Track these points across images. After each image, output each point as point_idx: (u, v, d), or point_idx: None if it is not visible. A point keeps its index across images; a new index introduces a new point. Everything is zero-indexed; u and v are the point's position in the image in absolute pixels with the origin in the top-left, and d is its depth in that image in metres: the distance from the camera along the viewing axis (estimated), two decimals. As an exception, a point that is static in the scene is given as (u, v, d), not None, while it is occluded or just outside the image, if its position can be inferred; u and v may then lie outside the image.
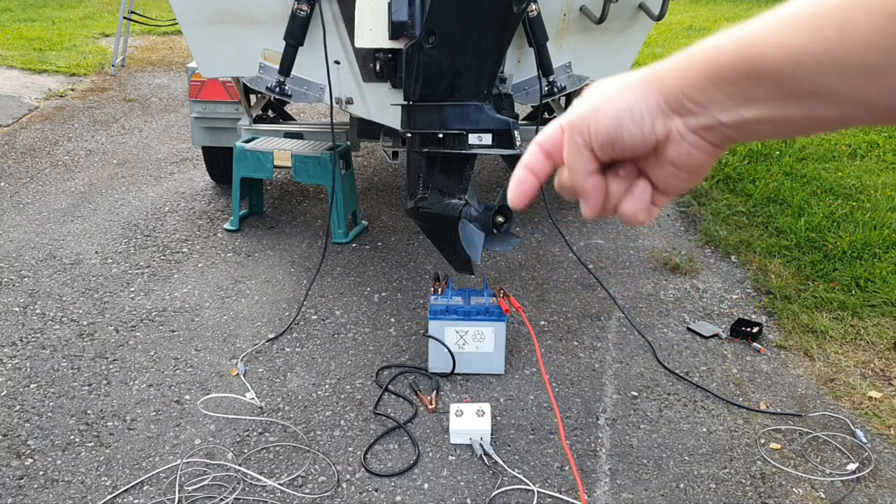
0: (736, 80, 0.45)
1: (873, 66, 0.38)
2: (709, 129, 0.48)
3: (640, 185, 0.54)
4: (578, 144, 0.52)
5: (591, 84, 0.55)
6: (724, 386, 2.65)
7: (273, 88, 3.05)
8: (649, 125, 0.49)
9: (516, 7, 2.36)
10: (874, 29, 0.37)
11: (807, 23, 0.40)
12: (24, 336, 2.89)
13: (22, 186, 4.45)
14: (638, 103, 0.50)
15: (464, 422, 2.32)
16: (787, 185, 4.35)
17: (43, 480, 2.16)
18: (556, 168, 0.56)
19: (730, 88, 0.45)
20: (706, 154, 0.49)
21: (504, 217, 2.52)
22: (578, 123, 0.52)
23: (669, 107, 0.49)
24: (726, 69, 0.45)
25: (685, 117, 0.48)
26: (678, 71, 0.49)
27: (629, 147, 0.50)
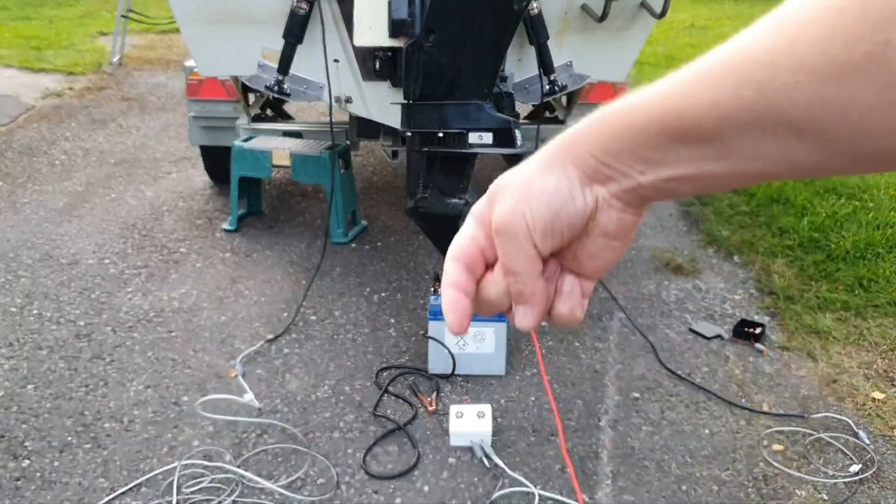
0: (653, 143, 0.43)
1: (797, 123, 0.37)
2: (632, 192, 0.46)
3: (567, 280, 0.52)
4: (520, 242, 0.49)
5: (497, 182, 0.53)
6: (727, 387, 2.63)
7: (272, 87, 3.03)
8: (580, 199, 0.48)
9: (517, 5, 2.34)
10: (797, 88, 0.36)
11: (728, 79, 0.39)
12: (20, 337, 2.87)
13: (19, 186, 4.42)
14: (561, 181, 0.48)
15: (464, 424, 2.31)
16: (789, 185, 4.33)
17: (40, 482, 2.14)
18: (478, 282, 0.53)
19: (646, 151, 0.44)
20: (634, 215, 0.48)
21: (505, 217, 2.50)
22: (510, 219, 0.49)
23: (588, 177, 0.47)
24: (641, 131, 0.43)
25: (606, 185, 0.47)
26: (589, 138, 0.47)
27: (568, 227, 0.48)
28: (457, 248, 0.53)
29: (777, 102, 0.37)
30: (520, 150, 2.48)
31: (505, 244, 0.50)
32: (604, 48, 3.19)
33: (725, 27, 10.02)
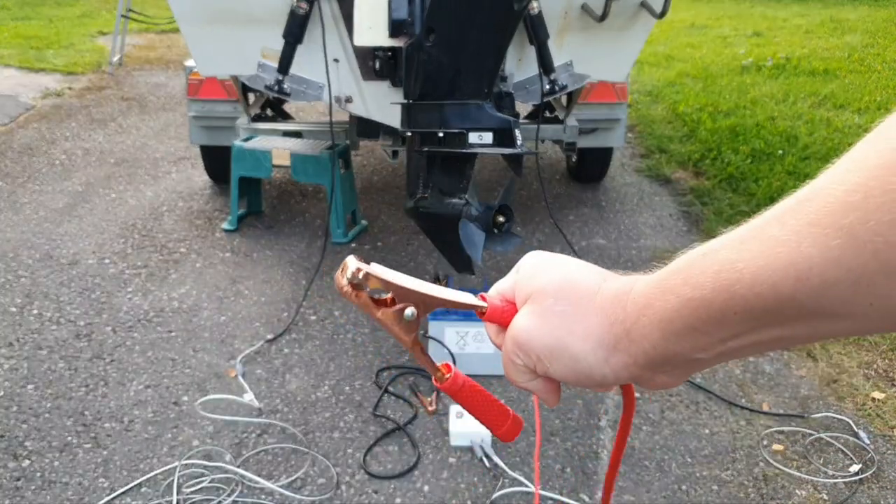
0: (722, 320, 0.39)
1: None
2: (683, 368, 0.44)
3: None
4: (519, 366, 0.51)
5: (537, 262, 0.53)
6: (727, 387, 2.63)
7: (272, 87, 3.03)
8: (611, 381, 0.47)
9: (517, 5, 2.33)
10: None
11: (807, 236, 0.34)
12: (20, 337, 2.86)
13: (19, 186, 4.42)
14: (600, 366, 0.46)
15: (464, 424, 2.31)
16: (790, 185, 4.33)
17: (40, 482, 2.14)
18: None
19: (714, 328, 0.40)
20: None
21: (505, 217, 2.50)
22: (527, 349, 0.49)
23: (640, 367, 0.45)
24: (712, 312, 0.39)
25: (657, 373, 0.45)
26: (648, 329, 0.43)
27: (579, 385, 0.49)
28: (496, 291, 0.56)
29: (874, 246, 0.31)
30: (520, 150, 2.47)
31: (514, 353, 0.51)
32: (604, 48, 3.18)
33: (726, 27, 10.02)
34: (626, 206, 4.28)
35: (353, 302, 0.54)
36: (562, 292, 0.49)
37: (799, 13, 11.16)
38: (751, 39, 9.14)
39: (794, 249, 0.34)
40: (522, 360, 0.50)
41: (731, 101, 6.16)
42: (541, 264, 0.52)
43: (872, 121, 5.22)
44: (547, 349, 0.48)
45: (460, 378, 0.57)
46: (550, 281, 0.50)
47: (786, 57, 7.76)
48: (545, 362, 0.49)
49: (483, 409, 0.58)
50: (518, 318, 0.51)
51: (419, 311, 0.55)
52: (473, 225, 2.42)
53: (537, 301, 0.50)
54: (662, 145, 5.24)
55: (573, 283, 0.49)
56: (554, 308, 0.49)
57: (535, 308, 0.50)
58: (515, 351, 0.50)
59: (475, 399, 0.58)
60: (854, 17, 10.54)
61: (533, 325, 0.49)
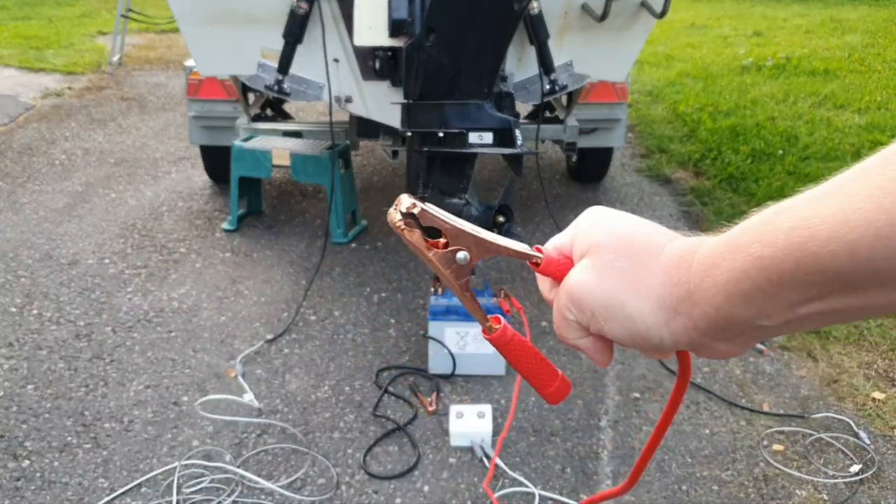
0: (792, 282, 0.36)
1: None
2: (747, 336, 0.42)
3: None
4: (571, 321, 0.49)
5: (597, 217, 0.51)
6: (727, 387, 2.63)
7: (271, 87, 3.03)
8: (668, 346, 0.45)
9: (517, 5, 2.33)
10: None
11: (892, 192, 0.31)
12: (20, 337, 2.86)
13: (19, 186, 4.42)
14: (658, 329, 0.44)
15: (464, 424, 2.30)
16: (790, 185, 4.33)
17: (40, 482, 2.14)
18: None
19: (783, 291, 0.37)
20: None
21: (505, 217, 2.50)
22: (582, 305, 0.47)
23: (700, 332, 0.43)
24: (782, 273, 0.36)
25: (718, 340, 0.43)
26: (712, 291, 0.41)
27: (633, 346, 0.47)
28: (552, 245, 0.54)
29: None
30: (520, 150, 2.47)
31: (568, 308, 0.49)
32: (604, 48, 3.18)
33: (726, 27, 10.02)
34: (627, 206, 4.27)
35: (404, 238, 0.51)
36: (623, 248, 0.47)
37: (799, 13, 11.16)
38: (751, 39, 9.14)
39: (876, 206, 0.31)
40: (575, 315, 0.48)
41: (731, 101, 6.16)
42: (602, 219, 0.50)
43: (873, 121, 5.23)
44: (602, 306, 0.46)
45: (509, 331, 0.55)
46: (611, 235, 0.48)
47: (786, 57, 7.76)
48: (599, 320, 0.46)
49: (530, 366, 0.56)
50: (574, 272, 0.48)
51: (472, 255, 0.52)
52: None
53: (596, 256, 0.47)
54: (662, 145, 5.24)
55: (635, 240, 0.47)
56: (614, 264, 0.46)
57: (594, 262, 0.47)
58: (568, 305, 0.48)
59: (523, 355, 0.56)
60: (854, 17, 10.54)
61: (589, 280, 0.47)
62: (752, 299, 0.39)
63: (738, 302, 0.40)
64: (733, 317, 0.41)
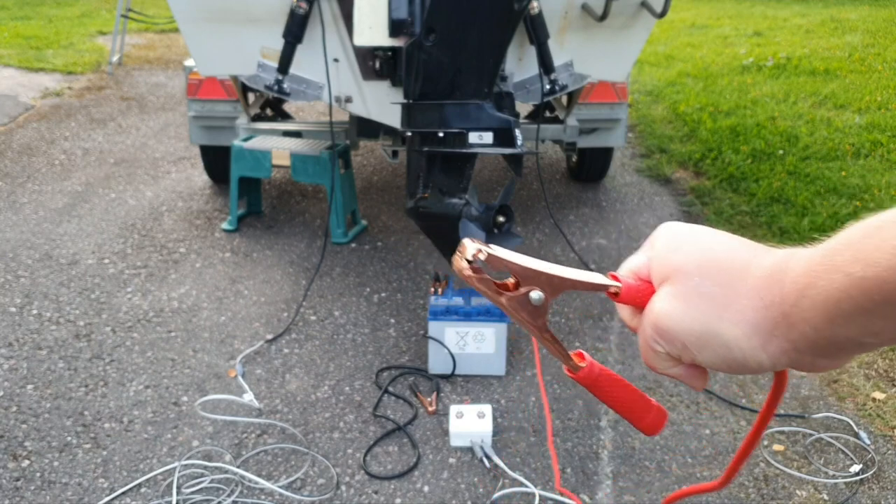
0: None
1: None
2: (850, 351, 0.40)
3: None
4: (661, 353, 0.46)
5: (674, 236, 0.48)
6: (727, 387, 2.63)
7: (271, 87, 3.03)
8: (767, 368, 0.43)
9: (517, 4, 2.33)
10: None
11: None
12: (20, 337, 2.86)
13: (18, 186, 4.42)
14: (755, 354, 0.42)
15: (464, 424, 2.30)
16: (790, 185, 4.33)
17: (40, 482, 2.13)
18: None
19: (891, 310, 0.35)
20: None
21: (505, 217, 2.50)
22: (671, 337, 0.44)
23: (800, 352, 0.41)
24: (888, 294, 0.35)
25: (819, 357, 0.41)
26: (810, 310, 0.38)
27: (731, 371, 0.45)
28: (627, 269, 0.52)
29: None
30: (520, 150, 2.47)
31: (656, 340, 0.46)
32: (604, 47, 3.18)
33: (726, 26, 10.02)
34: (627, 206, 4.27)
35: (474, 286, 0.49)
36: (707, 271, 0.44)
37: (799, 13, 11.16)
38: (751, 39, 9.14)
39: None
40: (665, 347, 0.46)
41: (731, 101, 6.15)
42: (679, 237, 0.48)
43: (873, 121, 5.23)
44: (694, 336, 0.43)
45: (596, 367, 0.53)
46: (692, 257, 0.45)
47: (786, 56, 7.76)
48: (692, 350, 0.44)
49: (623, 400, 0.54)
50: (658, 302, 0.46)
51: (547, 295, 0.49)
52: (473, 225, 2.42)
53: (679, 281, 0.45)
54: (663, 145, 5.24)
55: (719, 260, 0.44)
56: (699, 289, 0.44)
57: (678, 289, 0.45)
58: (656, 338, 0.46)
59: (614, 390, 0.53)
60: (855, 17, 10.54)
61: (676, 310, 0.44)
62: (855, 319, 0.37)
63: (840, 322, 0.38)
64: (835, 337, 0.39)
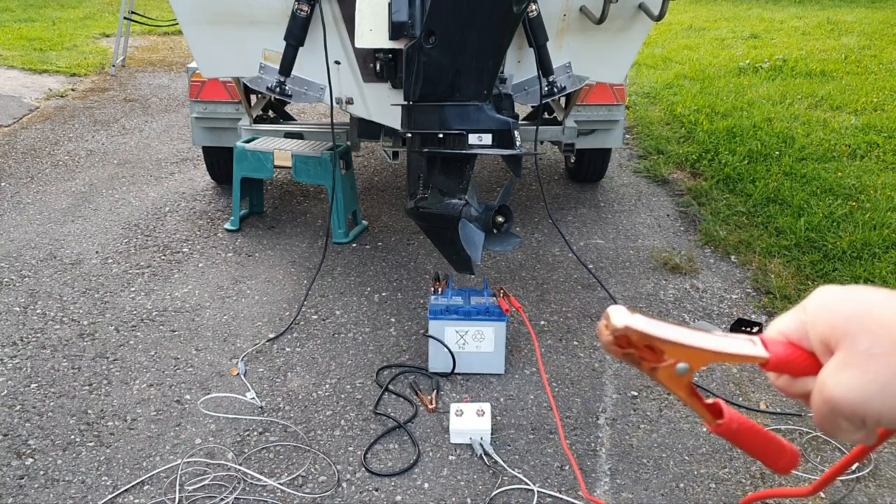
0: None
1: None
2: None
3: None
4: (845, 429, 0.44)
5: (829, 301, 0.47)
6: (724, 386, 2.66)
7: (273, 89, 3.05)
8: None
9: (516, 7, 2.36)
10: None
11: None
12: (24, 336, 2.89)
13: (22, 186, 4.45)
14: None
15: (464, 421, 2.33)
16: (786, 186, 4.36)
17: (43, 480, 2.16)
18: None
19: None
20: None
21: (504, 217, 2.53)
22: (853, 408, 0.42)
23: None
24: None
25: None
26: None
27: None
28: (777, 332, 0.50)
29: None
30: (519, 151, 2.50)
31: (835, 417, 0.44)
32: (602, 50, 3.21)
33: (723, 28, 10.05)
34: (625, 207, 4.30)
35: (617, 357, 0.50)
36: (873, 329, 0.42)
37: (796, 15, 11.19)
38: (748, 41, 9.17)
39: None
40: (848, 423, 0.44)
41: (728, 103, 6.18)
42: (834, 299, 0.46)
43: (869, 122, 5.24)
44: (877, 406, 0.42)
45: (735, 420, 0.54)
46: (853, 319, 0.43)
47: (783, 58, 7.79)
48: (876, 418, 0.43)
49: (760, 446, 0.56)
50: (830, 377, 0.44)
51: (692, 365, 0.50)
52: (473, 225, 2.45)
53: (848, 349, 0.43)
54: (660, 146, 5.27)
55: (883, 315, 0.43)
56: (871, 352, 0.42)
57: (848, 358, 0.43)
58: (837, 418, 0.44)
59: (752, 439, 0.56)
60: (851, 19, 10.57)
61: (851, 383, 0.43)
62: None
63: None
64: None
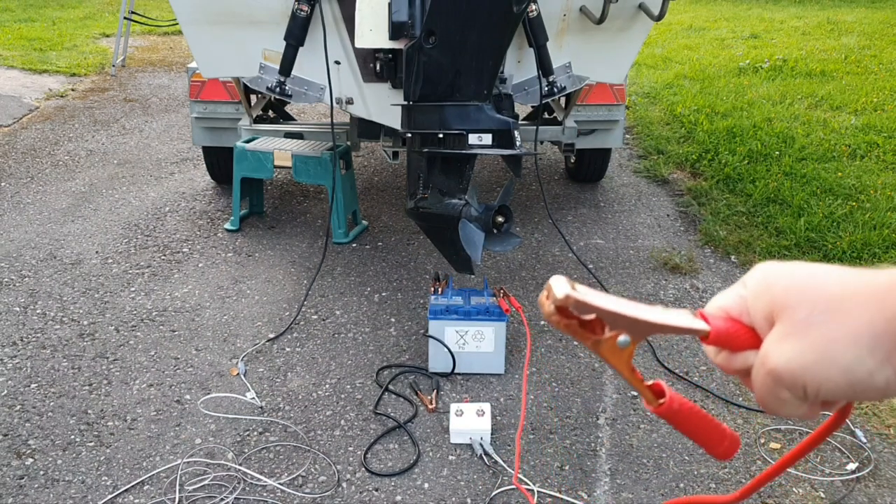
0: None
1: None
2: None
3: None
4: (797, 398, 0.44)
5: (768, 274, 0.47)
6: (724, 385, 2.66)
7: (273, 89, 3.06)
8: (886, 382, 0.41)
9: (516, 7, 2.36)
10: None
11: None
12: (24, 336, 2.89)
13: (22, 186, 4.45)
14: (882, 369, 0.41)
15: (464, 421, 2.33)
16: (786, 186, 4.36)
17: (43, 480, 2.16)
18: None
19: None
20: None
21: (504, 217, 2.53)
22: (793, 378, 0.43)
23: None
24: None
25: None
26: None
27: (855, 397, 0.43)
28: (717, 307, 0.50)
29: None
30: (519, 151, 2.50)
31: (778, 389, 0.45)
32: (602, 50, 3.21)
33: (723, 28, 10.05)
34: (624, 207, 4.30)
35: (559, 328, 0.50)
36: (812, 298, 0.43)
37: (796, 15, 11.19)
38: (748, 41, 9.17)
39: None
40: (790, 394, 0.44)
41: (728, 103, 6.18)
42: (774, 273, 0.46)
43: (869, 122, 5.23)
44: (817, 373, 0.42)
45: (675, 401, 0.54)
46: (792, 289, 0.44)
47: (783, 58, 7.79)
48: (817, 387, 0.43)
49: (700, 430, 0.56)
50: (772, 349, 0.44)
51: (633, 338, 0.50)
52: (473, 225, 2.45)
53: (788, 318, 0.43)
54: (660, 146, 5.27)
55: (823, 286, 0.43)
56: (811, 319, 0.42)
57: (789, 328, 0.43)
58: (778, 388, 0.44)
59: (692, 421, 0.55)
60: (851, 19, 10.57)
61: (791, 352, 0.43)
62: None
63: None
64: None
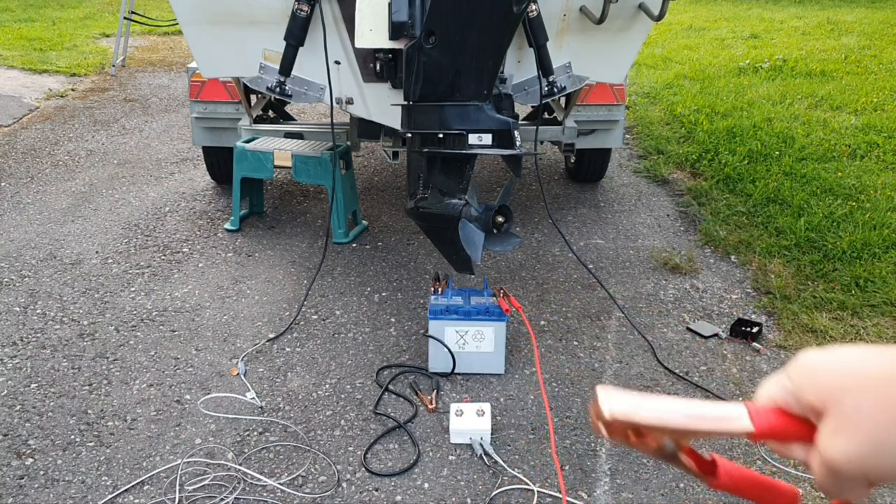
0: None
1: None
2: None
3: None
4: (858, 486, 0.45)
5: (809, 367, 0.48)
6: (724, 386, 2.66)
7: (273, 89, 3.06)
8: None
9: (516, 7, 2.36)
10: None
11: None
12: (24, 336, 2.89)
13: (22, 186, 4.45)
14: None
15: (464, 421, 2.33)
16: (786, 186, 4.36)
17: (43, 480, 2.16)
18: None
19: None
20: None
21: (504, 217, 2.53)
22: (852, 470, 0.43)
23: None
24: None
25: None
26: None
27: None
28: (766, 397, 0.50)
29: None
30: (519, 151, 2.50)
31: (840, 482, 0.45)
32: (602, 50, 3.21)
33: (723, 28, 10.05)
34: (624, 207, 4.30)
35: (616, 441, 0.53)
36: (855, 388, 0.44)
37: (796, 15, 11.19)
38: (748, 41, 9.17)
39: None
40: (853, 485, 0.45)
41: (728, 103, 6.18)
42: (811, 364, 0.47)
43: (869, 122, 5.24)
44: (873, 464, 0.43)
45: (728, 473, 0.56)
46: (834, 380, 0.45)
47: (783, 58, 7.79)
48: (878, 475, 0.43)
49: (758, 491, 0.58)
50: (827, 444, 0.45)
51: (678, 442, 0.53)
52: (473, 225, 2.45)
53: (836, 410, 0.44)
54: (660, 146, 5.27)
55: (862, 371, 0.44)
56: (857, 412, 0.43)
57: (838, 420, 0.44)
58: (839, 483, 0.45)
59: (749, 485, 0.58)
60: (851, 19, 10.57)
61: (848, 446, 0.43)
62: None
63: None
64: None
